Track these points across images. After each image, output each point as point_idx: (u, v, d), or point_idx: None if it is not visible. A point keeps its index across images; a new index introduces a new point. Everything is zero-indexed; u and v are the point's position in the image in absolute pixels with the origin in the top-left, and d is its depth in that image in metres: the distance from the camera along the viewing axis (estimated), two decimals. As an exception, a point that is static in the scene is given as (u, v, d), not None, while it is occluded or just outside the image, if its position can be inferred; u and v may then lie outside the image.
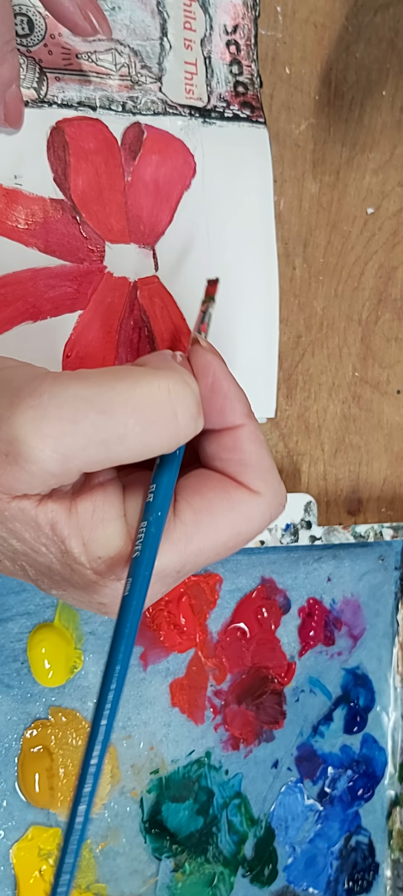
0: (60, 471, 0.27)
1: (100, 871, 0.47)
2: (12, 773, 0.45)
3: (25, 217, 0.41)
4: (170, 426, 0.29)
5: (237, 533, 0.31)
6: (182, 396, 0.29)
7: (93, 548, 0.29)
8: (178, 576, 0.31)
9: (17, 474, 0.27)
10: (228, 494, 0.31)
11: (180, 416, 0.29)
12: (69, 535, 0.29)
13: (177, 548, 0.30)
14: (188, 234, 0.44)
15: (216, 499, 0.31)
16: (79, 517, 0.29)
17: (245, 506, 0.32)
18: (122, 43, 0.43)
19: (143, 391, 0.28)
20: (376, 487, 0.52)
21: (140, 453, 0.29)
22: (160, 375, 0.29)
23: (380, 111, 0.49)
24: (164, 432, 0.29)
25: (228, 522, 0.31)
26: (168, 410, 0.29)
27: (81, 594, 0.31)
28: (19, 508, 0.28)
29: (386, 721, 0.53)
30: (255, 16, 0.45)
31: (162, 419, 0.28)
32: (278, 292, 0.46)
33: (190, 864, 0.49)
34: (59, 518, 0.29)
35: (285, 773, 0.51)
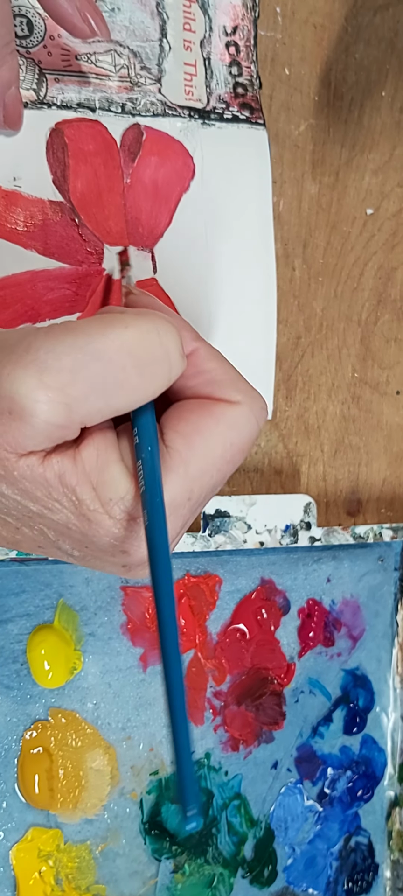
0: (65, 421, 0.28)
1: (100, 873, 0.47)
2: (12, 774, 0.45)
3: (24, 219, 0.41)
4: (164, 366, 0.30)
5: (230, 444, 0.32)
6: (170, 336, 0.30)
7: (104, 490, 0.29)
8: (191, 504, 0.32)
9: (23, 430, 0.27)
10: (210, 411, 0.32)
11: (171, 355, 0.30)
12: (78, 483, 0.29)
13: (178, 474, 0.31)
14: (186, 236, 0.44)
15: (200, 419, 0.32)
16: (84, 464, 0.29)
17: (229, 416, 0.32)
18: (122, 44, 0.43)
19: (135, 335, 0.29)
20: (375, 488, 0.52)
21: (137, 399, 0.29)
22: (147, 318, 0.30)
23: (380, 112, 0.49)
24: (159, 372, 0.30)
25: (218, 436, 0.32)
26: (160, 350, 0.29)
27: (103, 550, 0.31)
28: (27, 466, 0.28)
29: (386, 722, 0.53)
30: (255, 17, 0.45)
31: (156, 360, 0.29)
32: (276, 294, 0.46)
33: (189, 866, 0.49)
34: (66, 469, 0.29)
35: (285, 774, 0.51)
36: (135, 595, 0.47)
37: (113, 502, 0.30)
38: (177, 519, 0.31)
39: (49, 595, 0.45)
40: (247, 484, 0.49)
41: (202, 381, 0.33)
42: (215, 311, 0.45)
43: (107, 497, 0.29)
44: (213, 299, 0.45)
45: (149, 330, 0.29)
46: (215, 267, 0.44)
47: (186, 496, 0.31)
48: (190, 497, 0.31)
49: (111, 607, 0.46)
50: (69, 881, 0.47)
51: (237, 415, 0.32)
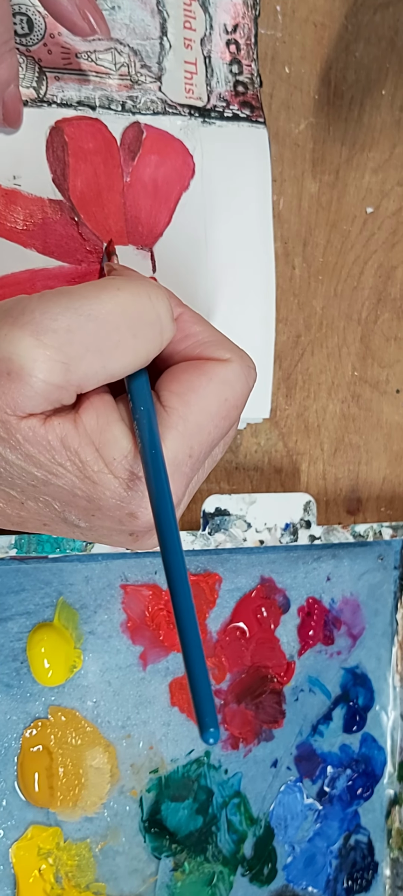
0: (62, 381, 0.28)
1: (100, 871, 0.47)
2: (12, 772, 0.45)
3: (24, 218, 0.41)
4: (156, 328, 0.30)
5: (224, 399, 0.32)
6: (161, 299, 0.31)
7: (106, 450, 0.30)
8: (192, 461, 0.32)
9: (21, 390, 0.28)
10: (202, 370, 0.33)
11: (163, 318, 0.31)
12: (80, 445, 0.30)
13: (177, 430, 0.31)
14: (186, 235, 0.44)
15: (193, 378, 0.32)
16: (85, 426, 0.30)
17: (221, 373, 0.33)
18: (122, 42, 0.43)
19: (127, 297, 0.30)
20: (375, 487, 0.52)
21: (132, 360, 0.30)
22: (138, 281, 0.31)
23: (380, 110, 0.49)
24: (152, 334, 0.30)
25: (213, 392, 0.32)
26: (152, 313, 0.30)
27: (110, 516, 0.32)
28: (29, 428, 0.29)
29: (386, 720, 0.53)
30: (255, 15, 0.45)
31: (148, 322, 0.30)
32: (275, 293, 0.46)
33: (189, 864, 0.49)
34: (68, 431, 0.29)
35: (284, 772, 0.51)
36: (134, 593, 0.47)
37: (116, 461, 0.30)
38: (180, 477, 0.32)
39: (49, 593, 0.45)
40: (247, 482, 0.49)
41: (191, 343, 0.34)
42: (214, 309, 0.45)
43: (110, 456, 0.30)
44: (212, 298, 0.45)
45: (141, 293, 0.30)
46: (214, 266, 0.44)
47: (187, 452, 0.32)
48: (190, 454, 0.32)
49: (111, 605, 0.46)
50: (69, 879, 0.47)
51: (228, 371, 0.33)
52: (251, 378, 0.34)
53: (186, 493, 0.33)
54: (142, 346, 0.30)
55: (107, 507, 0.31)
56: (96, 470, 0.30)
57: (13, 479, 0.30)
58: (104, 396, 0.31)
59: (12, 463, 0.30)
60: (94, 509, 0.31)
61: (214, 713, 0.25)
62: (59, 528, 0.33)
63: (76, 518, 0.32)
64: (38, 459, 0.30)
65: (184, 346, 0.34)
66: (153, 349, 0.31)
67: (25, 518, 0.33)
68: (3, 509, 0.32)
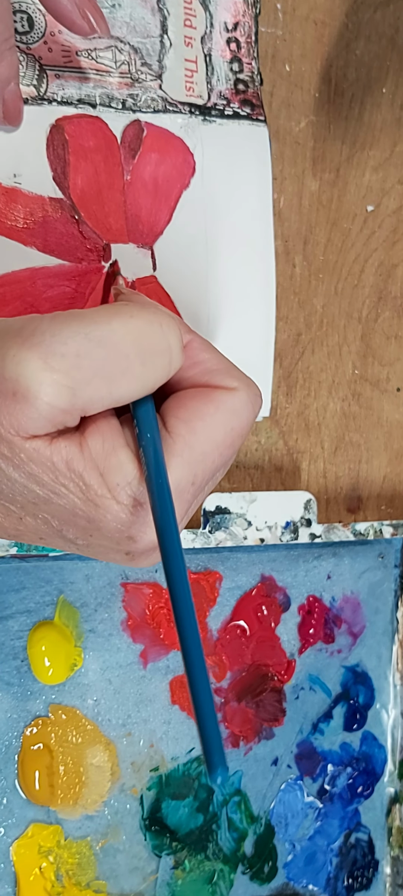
0: (68, 405, 0.28)
1: (100, 869, 0.47)
2: (12, 770, 0.45)
3: (24, 216, 0.41)
4: (166, 357, 0.30)
5: (231, 428, 0.32)
6: (173, 329, 0.31)
7: (111, 476, 0.30)
8: (194, 489, 0.32)
9: (27, 412, 0.28)
10: (210, 398, 0.32)
11: (173, 348, 0.31)
12: (85, 469, 0.29)
13: (183, 458, 0.31)
14: (186, 233, 0.44)
15: (201, 405, 0.32)
16: (91, 450, 0.30)
17: (228, 402, 0.33)
18: (122, 40, 0.43)
19: (140, 325, 0.30)
20: (376, 485, 0.52)
21: (139, 388, 0.30)
22: (151, 310, 0.30)
23: (380, 108, 0.49)
24: (160, 364, 0.30)
25: (219, 421, 0.32)
26: (163, 342, 0.30)
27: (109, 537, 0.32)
28: (33, 448, 0.29)
29: (386, 718, 0.53)
30: (256, 13, 0.45)
31: (158, 350, 0.30)
32: (275, 291, 0.46)
33: (190, 862, 0.49)
34: (73, 454, 0.29)
35: (285, 770, 0.51)
36: (135, 592, 0.47)
37: (120, 487, 0.30)
38: (181, 503, 0.32)
39: (49, 592, 0.45)
40: (248, 481, 0.49)
41: (199, 371, 0.33)
42: (214, 308, 0.45)
43: (114, 482, 0.30)
44: (213, 297, 0.45)
45: (153, 321, 0.30)
46: (215, 264, 0.44)
47: (190, 480, 0.32)
48: (193, 481, 0.32)
49: (111, 604, 0.46)
50: (69, 877, 0.47)
51: (236, 400, 0.33)
52: (257, 406, 0.34)
53: (185, 516, 0.33)
54: (151, 374, 0.30)
55: (106, 528, 0.31)
56: (99, 494, 0.30)
57: (14, 495, 0.30)
58: (110, 420, 0.31)
59: (15, 480, 0.30)
60: (93, 529, 0.31)
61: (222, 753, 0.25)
62: (56, 542, 0.33)
63: (73, 536, 0.32)
64: (41, 479, 0.29)
65: (192, 372, 0.33)
66: (161, 378, 0.31)
67: (22, 531, 0.33)
68: (1, 522, 0.32)
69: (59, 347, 0.28)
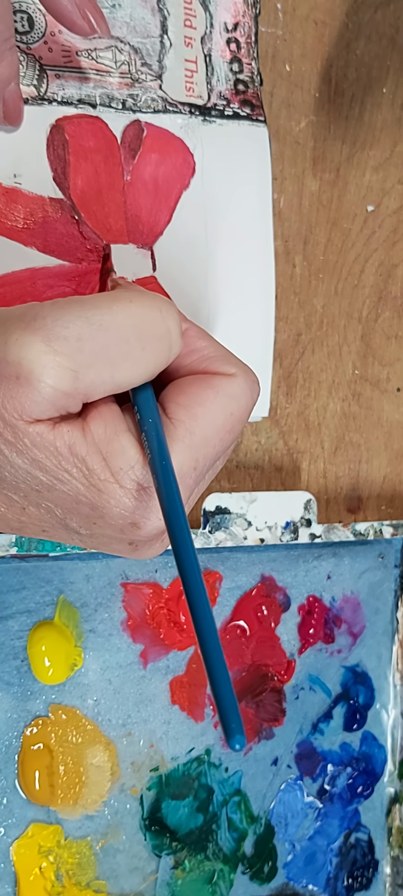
0: (71, 388, 0.28)
1: (101, 869, 0.47)
2: (12, 770, 0.45)
3: (24, 216, 0.41)
4: (165, 342, 0.31)
5: (230, 413, 0.33)
6: (172, 314, 0.31)
7: (114, 460, 0.30)
8: (196, 474, 0.32)
9: (30, 395, 0.28)
10: (209, 383, 0.33)
11: (172, 332, 0.31)
12: (88, 454, 0.30)
13: (184, 443, 0.31)
14: (186, 233, 0.44)
15: (200, 391, 0.33)
16: (93, 434, 0.30)
17: (227, 387, 0.33)
18: (123, 40, 0.43)
19: (139, 310, 0.30)
20: (376, 485, 0.52)
21: (140, 373, 0.30)
22: (150, 296, 0.31)
23: (381, 108, 0.49)
24: (160, 348, 0.31)
25: (219, 405, 0.33)
26: (162, 327, 0.31)
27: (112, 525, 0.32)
28: (37, 433, 0.29)
29: (386, 718, 0.53)
30: (256, 13, 0.45)
31: (158, 335, 0.30)
32: (275, 291, 0.46)
33: (190, 862, 0.49)
34: (76, 439, 0.29)
35: (285, 770, 0.51)
36: (135, 592, 0.47)
37: (123, 471, 0.30)
38: (184, 489, 0.32)
39: (49, 591, 0.45)
40: (248, 481, 0.49)
41: (196, 358, 0.34)
42: (214, 308, 0.45)
43: (117, 466, 0.30)
44: (213, 297, 0.45)
45: (153, 307, 0.30)
46: (215, 264, 0.44)
47: (192, 465, 0.32)
48: (195, 466, 0.32)
49: (111, 604, 0.46)
50: (69, 877, 0.47)
51: (234, 386, 0.33)
52: (255, 392, 0.34)
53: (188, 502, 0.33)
54: (151, 359, 0.30)
55: (110, 515, 0.31)
56: (103, 479, 0.30)
57: (17, 482, 0.31)
58: (112, 406, 0.31)
59: (18, 467, 0.30)
60: (97, 517, 0.31)
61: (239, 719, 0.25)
62: (59, 534, 0.33)
63: (77, 525, 0.32)
64: (45, 464, 0.30)
65: (190, 360, 0.34)
66: (161, 363, 0.31)
67: (25, 523, 0.33)
68: (4, 514, 0.32)
69: (61, 331, 0.28)
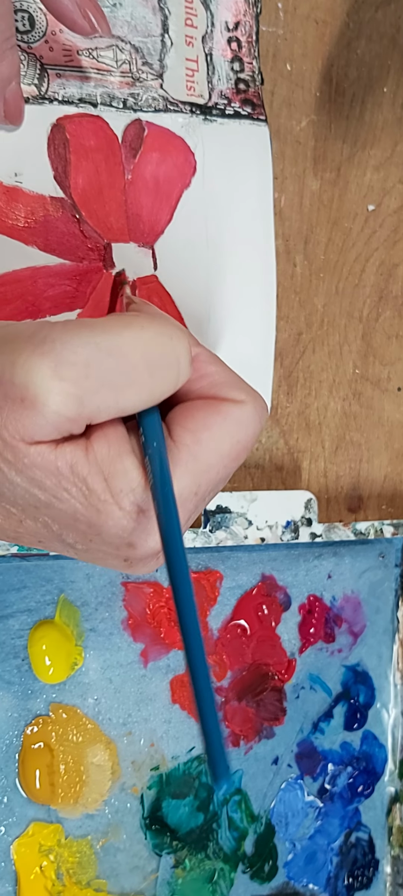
0: (75, 414, 0.28)
1: (101, 868, 0.47)
2: (13, 769, 0.45)
3: (25, 215, 0.41)
4: (173, 370, 0.31)
5: (236, 441, 0.33)
6: (182, 342, 0.31)
7: (115, 481, 0.30)
8: (197, 499, 0.32)
9: (34, 418, 0.28)
10: (217, 409, 0.33)
11: (181, 361, 0.31)
12: (89, 474, 0.29)
13: (187, 468, 0.31)
14: (187, 232, 0.44)
15: (207, 416, 0.32)
16: (96, 455, 0.30)
17: (235, 413, 0.33)
18: (123, 39, 0.43)
19: (150, 337, 0.30)
20: (376, 484, 0.52)
21: (146, 399, 0.30)
22: (161, 322, 0.31)
23: (381, 108, 0.49)
24: (168, 376, 0.31)
25: (225, 432, 0.32)
26: (172, 355, 0.30)
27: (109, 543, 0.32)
28: (37, 453, 0.29)
29: (386, 718, 0.53)
30: (257, 12, 0.45)
31: (166, 364, 0.30)
32: (276, 290, 0.46)
33: (190, 861, 0.49)
34: (78, 459, 0.29)
35: (285, 769, 0.51)
36: (136, 591, 0.47)
37: (123, 493, 0.30)
38: (183, 512, 0.32)
39: (50, 591, 0.45)
40: (248, 480, 0.49)
41: (206, 383, 0.33)
42: (215, 307, 0.45)
43: (118, 488, 0.30)
44: (213, 296, 0.45)
45: (163, 333, 0.30)
46: (215, 263, 0.44)
47: (193, 490, 0.32)
48: (196, 491, 0.32)
49: (112, 603, 0.46)
50: (70, 876, 0.47)
51: (243, 413, 0.33)
52: (263, 419, 0.34)
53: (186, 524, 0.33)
54: (158, 386, 0.30)
55: (107, 534, 0.31)
56: (103, 499, 0.30)
57: (15, 498, 0.30)
58: (117, 427, 0.31)
59: (17, 484, 0.30)
60: (93, 535, 0.31)
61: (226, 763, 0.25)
62: (54, 545, 0.33)
63: (73, 540, 0.32)
64: (44, 483, 0.29)
65: (199, 385, 0.34)
66: (168, 390, 0.31)
67: (22, 534, 0.33)
68: (1, 524, 0.32)
69: (69, 356, 0.28)
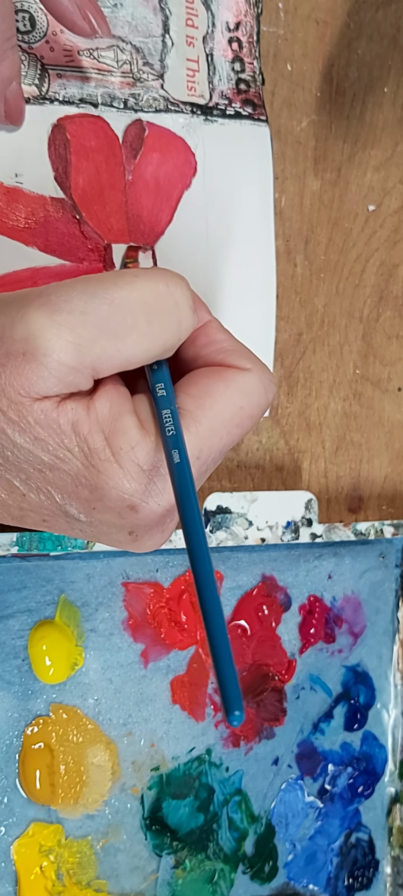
0: (76, 362, 0.29)
1: (101, 868, 0.47)
2: (13, 769, 0.45)
3: (25, 216, 0.41)
4: (173, 315, 0.31)
5: (239, 407, 0.33)
6: (180, 287, 0.31)
7: (115, 440, 0.30)
8: (199, 464, 0.32)
9: (36, 370, 0.28)
10: (221, 376, 0.33)
11: (181, 305, 0.31)
12: (90, 432, 0.30)
13: (189, 431, 0.32)
14: (188, 233, 0.44)
15: (211, 382, 0.33)
16: (98, 413, 0.30)
17: (239, 381, 0.33)
18: (124, 40, 0.43)
19: (144, 284, 0.30)
20: (377, 485, 0.52)
21: (147, 347, 0.31)
22: (157, 270, 0.31)
23: (382, 108, 0.49)
24: (168, 321, 0.31)
25: (228, 399, 0.33)
26: (169, 300, 0.31)
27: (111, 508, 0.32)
28: (41, 410, 0.29)
29: (387, 718, 0.53)
30: (257, 12, 0.45)
31: (165, 309, 0.31)
32: (276, 291, 0.46)
33: (190, 861, 0.49)
34: (80, 416, 0.30)
35: (285, 770, 0.51)
36: (136, 591, 0.47)
37: (123, 451, 0.30)
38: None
39: (50, 591, 0.45)
40: (249, 480, 0.49)
41: (214, 349, 0.34)
42: (215, 307, 0.45)
43: (118, 446, 0.30)
44: (214, 296, 0.45)
45: (158, 280, 0.31)
46: (216, 264, 0.44)
47: (195, 454, 0.32)
48: (199, 455, 0.32)
49: (112, 603, 0.46)
50: (70, 876, 0.47)
51: (247, 380, 0.33)
52: (269, 391, 0.34)
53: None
54: (159, 332, 0.31)
55: (108, 497, 0.31)
56: (103, 458, 0.30)
57: (20, 463, 0.31)
58: (119, 387, 0.31)
59: (20, 447, 0.30)
60: (96, 500, 0.32)
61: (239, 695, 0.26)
62: (59, 524, 0.33)
63: (76, 511, 0.32)
64: (47, 443, 0.30)
65: (208, 350, 0.34)
66: (170, 337, 0.31)
67: (26, 510, 0.33)
68: (5, 500, 0.32)
69: (65, 305, 0.28)
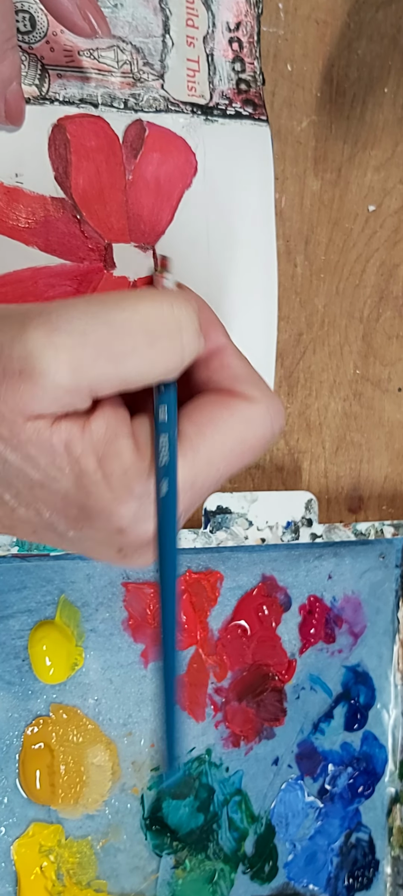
0: (72, 384, 0.28)
1: (101, 868, 0.47)
2: (13, 769, 0.45)
3: (26, 216, 0.41)
4: (176, 341, 0.30)
5: (241, 440, 0.32)
6: (184, 312, 0.30)
7: (108, 462, 0.29)
8: (192, 493, 0.32)
9: (32, 390, 0.28)
10: (227, 404, 0.32)
11: (184, 331, 0.30)
12: (83, 453, 0.29)
13: (186, 460, 0.31)
14: (188, 233, 0.44)
15: (215, 410, 0.32)
16: (92, 434, 0.29)
17: (245, 412, 0.32)
18: (125, 40, 0.43)
19: (148, 306, 0.29)
20: (377, 485, 0.52)
21: (147, 372, 0.29)
22: (162, 293, 0.30)
23: (382, 108, 0.49)
24: (170, 346, 0.30)
25: (231, 429, 0.32)
26: (172, 324, 0.29)
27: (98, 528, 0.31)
28: (34, 429, 0.28)
29: (387, 718, 0.53)
30: (258, 13, 0.45)
31: (167, 333, 0.29)
32: (277, 291, 0.46)
33: (190, 861, 0.49)
34: (73, 436, 0.29)
35: (285, 770, 0.51)
36: (136, 591, 0.47)
37: (115, 475, 0.30)
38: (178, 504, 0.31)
39: (50, 591, 0.45)
40: (249, 480, 0.49)
41: (225, 375, 0.33)
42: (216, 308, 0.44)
43: (110, 469, 0.29)
44: (214, 296, 0.45)
45: (163, 303, 0.29)
46: (216, 264, 0.44)
47: (190, 481, 0.31)
48: (193, 484, 0.31)
49: (112, 603, 0.46)
50: (70, 876, 0.47)
51: (252, 411, 0.32)
52: (276, 424, 0.33)
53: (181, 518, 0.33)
54: (160, 356, 0.29)
55: (97, 518, 0.31)
56: (94, 480, 0.29)
57: (9, 479, 0.30)
58: (117, 409, 0.30)
59: (11, 463, 0.29)
60: (84, 519, 0.31)
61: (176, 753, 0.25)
62: (48, 536, 0.33)
63: (64, 527, 0.32)
64: (38, 461, 0.29)
65: (220, 376, 0.33)
66: (172, 361, 0.30)
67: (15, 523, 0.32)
68: None
69: (65, 325, 0.28)
